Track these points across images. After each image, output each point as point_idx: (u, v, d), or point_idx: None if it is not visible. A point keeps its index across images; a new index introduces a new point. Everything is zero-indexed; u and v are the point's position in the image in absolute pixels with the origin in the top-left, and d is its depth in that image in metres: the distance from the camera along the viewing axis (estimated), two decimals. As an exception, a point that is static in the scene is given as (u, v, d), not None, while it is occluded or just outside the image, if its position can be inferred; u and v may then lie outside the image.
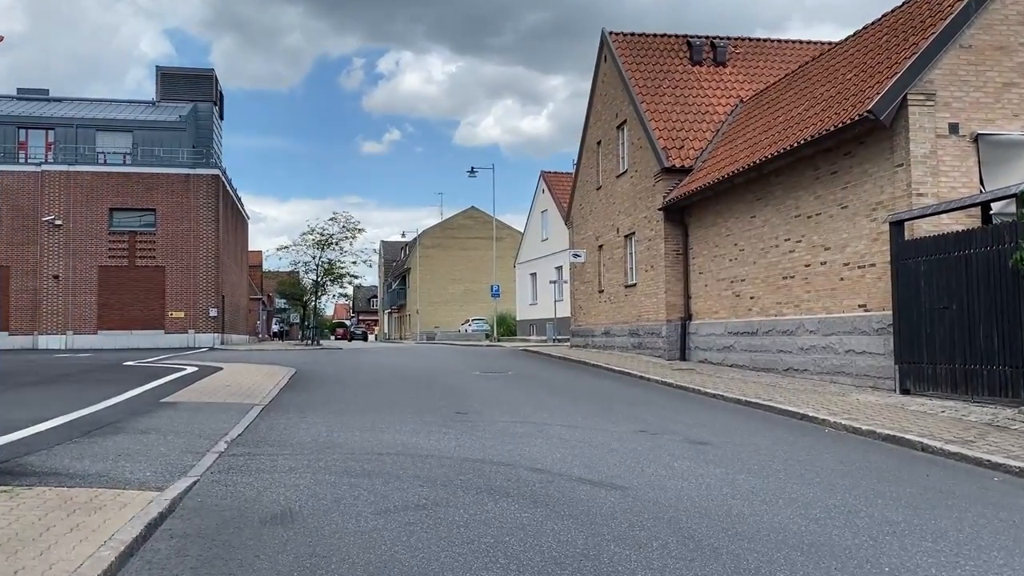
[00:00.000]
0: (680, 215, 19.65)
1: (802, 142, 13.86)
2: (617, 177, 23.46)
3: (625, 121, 22.85)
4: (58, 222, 37.89)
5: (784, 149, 14.44)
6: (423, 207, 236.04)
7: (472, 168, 48.02)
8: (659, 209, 19.91)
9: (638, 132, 21.71)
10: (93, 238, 38.57)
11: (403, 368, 20.21)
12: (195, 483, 6.48)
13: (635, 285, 21.88)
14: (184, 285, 39.56)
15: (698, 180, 18.56)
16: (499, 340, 45.07)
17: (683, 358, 19.36)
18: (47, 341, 37.57)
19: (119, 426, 9.41)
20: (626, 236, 22.65)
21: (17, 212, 37.95)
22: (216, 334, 40.08)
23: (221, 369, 18.71)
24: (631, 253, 22.44)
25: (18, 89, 44.76)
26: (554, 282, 38.59)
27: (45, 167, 38.37)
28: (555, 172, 44.09)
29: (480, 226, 69.44)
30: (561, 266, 40.87)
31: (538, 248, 45.35)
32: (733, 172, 16.39)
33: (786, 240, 15.27)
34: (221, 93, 49.92)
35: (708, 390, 13.33)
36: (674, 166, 19.84)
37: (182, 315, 39.58)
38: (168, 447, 8.08)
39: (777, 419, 10.72)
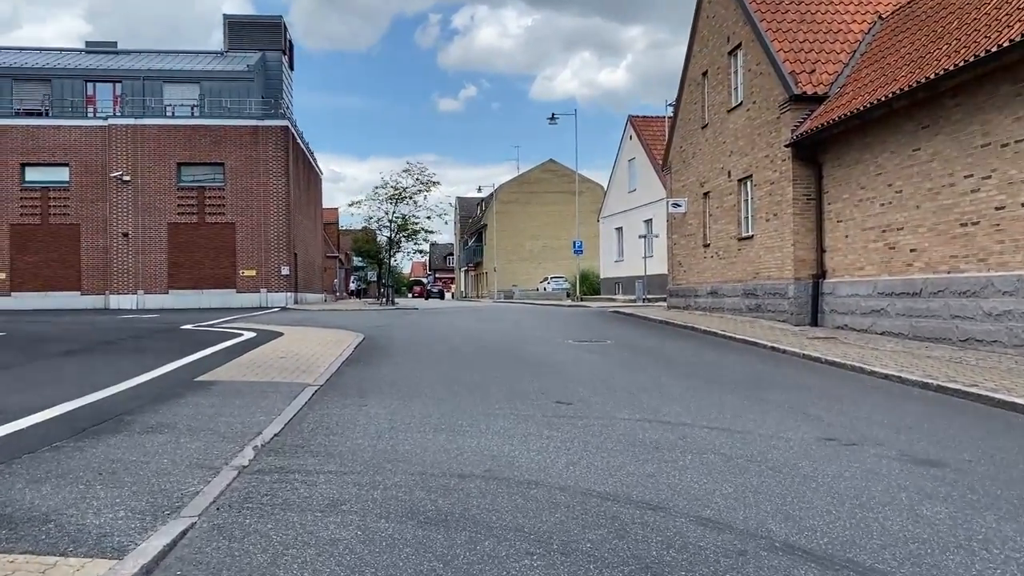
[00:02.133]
0: (812, 152, 16.41)
1: (1009, 43, 10.53)
2: (728, 112, 20.22)
3: (739, 45, 19.53)
4: (126, 178, 36.63)
5: (976, 57, 11.13)
6: (499, 164, 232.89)
7: (553, 115, 44.89)
8: (786, 146, 16.70)
9: (756, 56, 18.42)
10: (161, 194, 37.23)
11: (483, 333, 17.76)
12: (183, 535, 4.09)
13: (752, 237, 18.80)
14: (255, 242, 38.01)
15: (839, 108, 15.27)
16: (582, 299, 42.35)
17: (814, 323, 16.30)
18: (118, 301, 36.60)
19: (126, 420, 7.17)
20: (740, 180, 19.50)
21: (86, 168, 36.84)
22: (289, 293, 38.53)
23: (281, 335, 16.61)
24: (747, 200, 19.31)
25: (86, 42, 43.63)
26: (644, 236, 35.50)
27: (112, 121, 37.05)
28: (644, 116, 40.58)
29: (559, 180, 66.35)
30: (651, 219, 37.68)
31: (624, 200, 42.18)
32: (893, 94, 13.11)
33: (967, 177, 12.01)
34: (291, 43, 47.91)
35: (875, 368, 10.37)
36: (805, 93, 16.56)
37: (253, 273, 38.11)
38: (173, 457, 5.77)
39: (996, 414, 7.80)
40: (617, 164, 43.95)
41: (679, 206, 22.95)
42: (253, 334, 17.03)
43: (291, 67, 47.84)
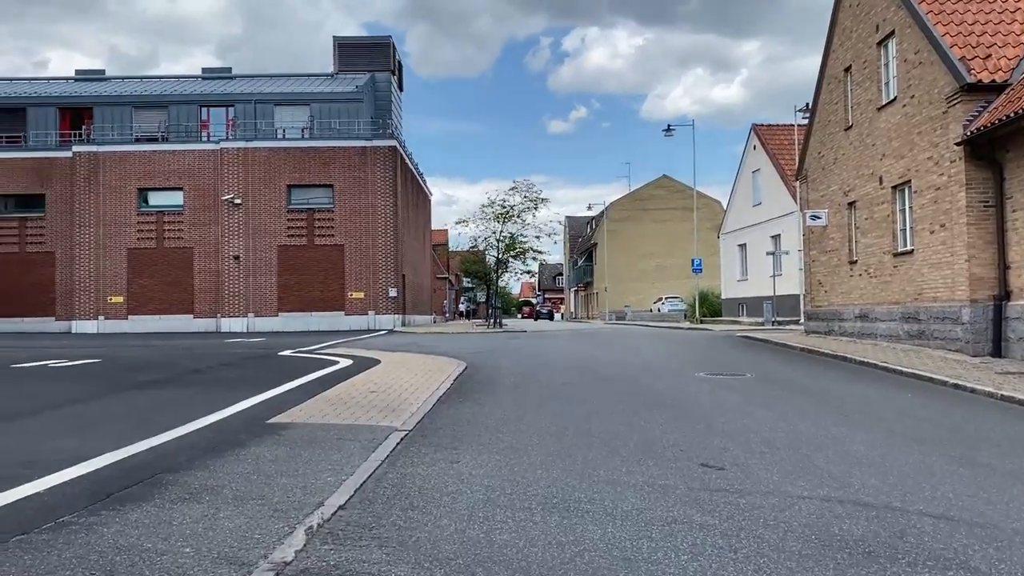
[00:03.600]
0: (990, 150, 13.80)
1: None
2: (878, 110, 17.68)
3: (892, 33, 17.04)
4: (237, 201, 36.79)
5: None
6: (609, 183, 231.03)
7: (669, 126, 42.68)
8: (957, 144, 14.14)
9: (914, 43, 15.92)
10: (271, 216, 37.23)
11: (598, 362, 15.88)
12: None
13: (911, 252, 16.19)
14: (363, 264, 37.47)
15: (1028, 95, 12.72)
16: (701, 321, 39.74)
17: (996, 353, 13.62)
18: (229, 324, 36.68)
19: (164, 482, 5.74)
20: (895, 187, 16.92)
21: (199, 192, 37.26)
22: (396, 315, 37.75)
23: (378, 363, 15.25)
24: (903, 209, 16.71)
25: (203, 69, 44.57)
26: (771, 253, 32.78)
27: (224, 144, 37.38)
28: (768, 124, 37.79)
29: (673, 196, 63.73)
30: (779, 234, 34.85)
31: (748, 215, 39.41)
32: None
33: None
34: (400, 63, 47.69)
35: (1119, 419, 7.96)
36: (980, 82, 13.98)
37: (361, 295, 37.54)
38: (199, 545, 4.25)
39: None
40: (739, 177, 41.25)
41: (819, 218, 20.43)
42: (349, 362, 15.77)
43: (400, 88, 47.57)
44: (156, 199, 37.42)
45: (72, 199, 37.01)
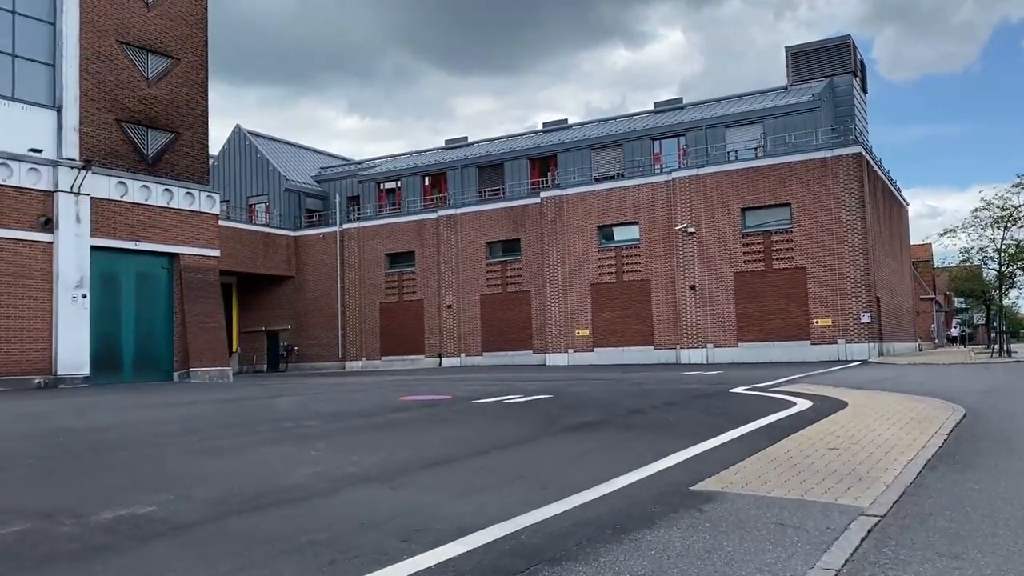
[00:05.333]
0: None
1: None
2: None
3: None
4: (691, 230, 36.09)
5: None
6: None
7: None
8: None
9: None
10: (725, 243, 35.76)
11: None
12: None
13: None
14: (828, 287, 33.90)
15: None
16: None
17: None
18: (688, 355, 35.93)
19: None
20: None
21: (654, 223, 37.43)
22: (871, 343, 33.33)
23: (844, 406, 12.56)
24: None
25: (654, 104, 45.26)
26: None
27: (675, 174, 37.10)
28: None
29: None
30: None
31: None
32: None
33: None
34: (862, 63, 43.13)
35: None
36: None
37: (829, 322, 33.94)
38: None
39: None
40: None
41: None
42: (808, 403, 13.31)
43: (864, 90, 42.92)
44: (614, 234, 38.58)
45: (541, 241, 39.95)
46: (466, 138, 50.53)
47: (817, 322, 34.14)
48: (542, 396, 16.08)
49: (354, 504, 6.31)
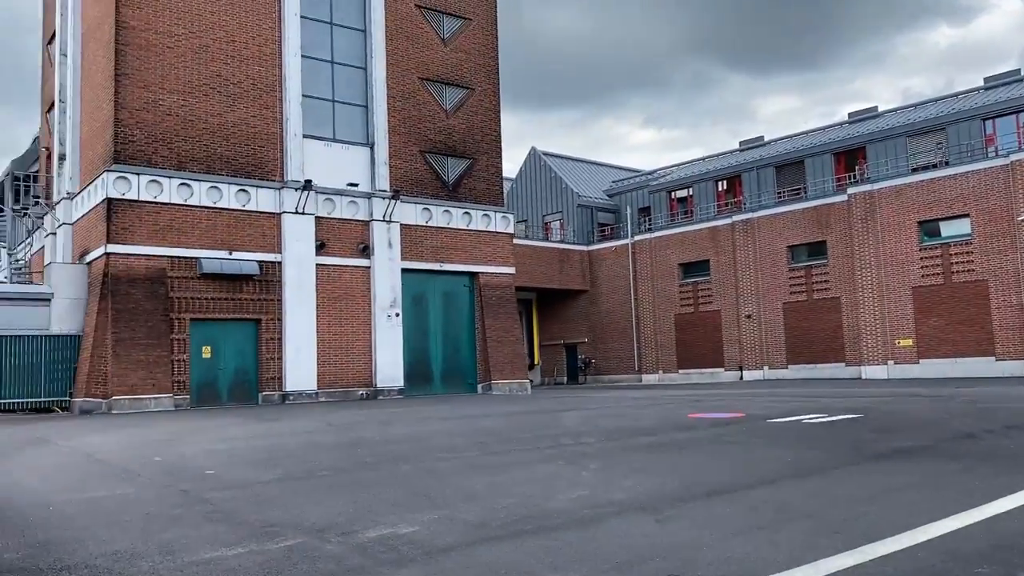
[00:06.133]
0: None
1: None
2: None
3: None
4: (1036, 219, 30.71)
5: None
6: None
7: None
8: None
9: None
10: (1086, 232, 29.90)
11: None
12: None
13: None
14: None
15: None
16: None
17: None
18: (1038, 367, 30.52)
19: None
20: None
21: (989, 216, 32.40)
22: None
23: None
24: None
25: (984, 79, 39.48)
26: None
27: (1014, 156, 31.84)
28: None
29: None
30: None
31: None
32: None
33: None
34: None
35: None
36: None
37: None
38: None
39: None
40: None
41: None
42: None
43: None
44: (939, 230, 34.03)
45: (851, 241, 36.40)
46: (762, 137, 47.91)
47: None
48: (850, 415, 14.28)
49: (614, 537, 5.72)
